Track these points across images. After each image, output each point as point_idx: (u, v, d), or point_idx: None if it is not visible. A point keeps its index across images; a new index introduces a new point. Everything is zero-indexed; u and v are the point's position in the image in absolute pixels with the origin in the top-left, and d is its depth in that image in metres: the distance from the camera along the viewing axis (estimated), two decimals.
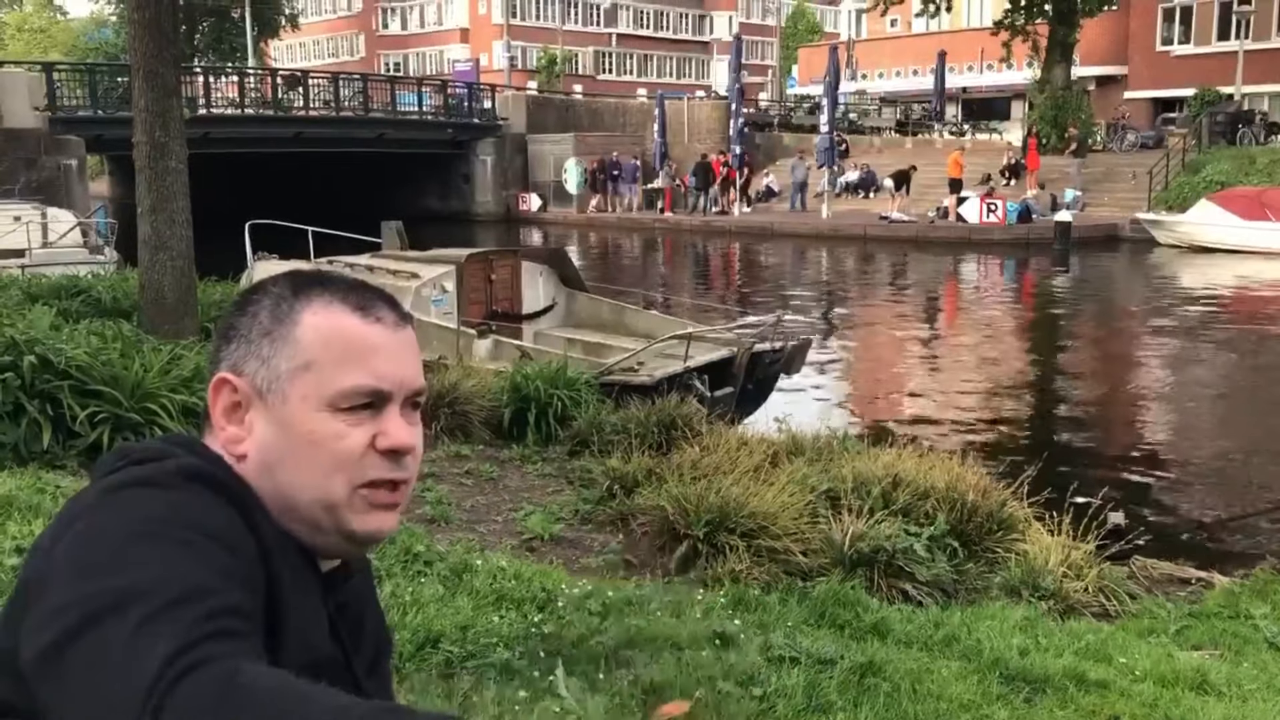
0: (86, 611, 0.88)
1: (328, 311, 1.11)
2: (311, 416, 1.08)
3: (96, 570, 0.91)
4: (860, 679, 3.75)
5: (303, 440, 1.09)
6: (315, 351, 1.09)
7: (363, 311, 1.12)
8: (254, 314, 1.12)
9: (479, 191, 40.19)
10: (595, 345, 10.76)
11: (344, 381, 1.09)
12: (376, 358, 1.10)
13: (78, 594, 0.90)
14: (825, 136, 33.09)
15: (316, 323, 1.10)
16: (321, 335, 1.09)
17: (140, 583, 0.89)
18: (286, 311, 1.11)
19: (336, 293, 1.12)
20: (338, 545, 1.13)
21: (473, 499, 6.11)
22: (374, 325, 1.12)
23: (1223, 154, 30.13)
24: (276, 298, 1.12)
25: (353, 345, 1.10)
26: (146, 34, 7.93)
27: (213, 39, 54.29)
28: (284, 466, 1.09)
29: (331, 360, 1.09)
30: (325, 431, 1.08)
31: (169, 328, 7.88)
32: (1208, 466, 9.96)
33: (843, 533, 5.28)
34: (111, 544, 0.94)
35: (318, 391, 1.09)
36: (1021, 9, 35.20)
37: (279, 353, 1.09)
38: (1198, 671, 4.25)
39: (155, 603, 0.88)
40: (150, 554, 0.92)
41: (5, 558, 3.83)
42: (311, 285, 1.13)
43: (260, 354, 1.10)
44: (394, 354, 1.12)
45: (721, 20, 78.34)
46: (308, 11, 73.21)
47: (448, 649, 3.60)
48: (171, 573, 0.91)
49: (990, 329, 18.12)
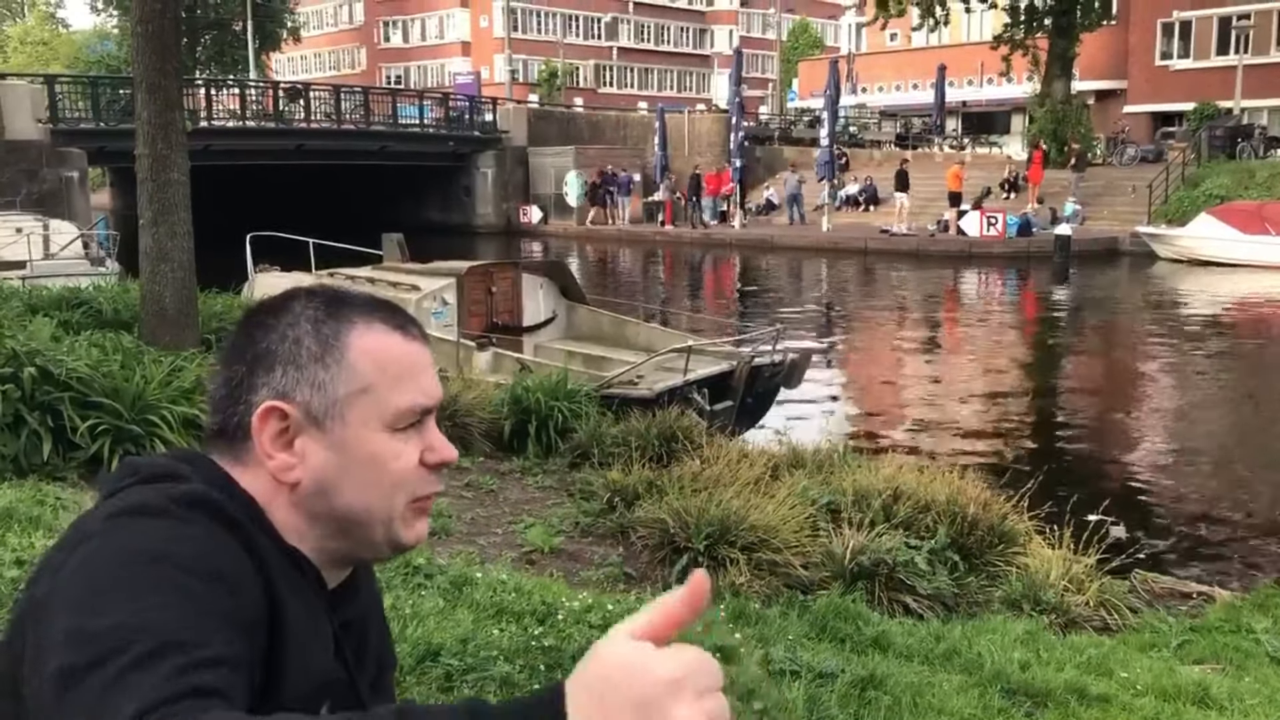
0: (77, 658, 0.88)
1: (373, 333, 1.12)
2: (372, 438, 1.10)
3: (91, 610, 0.92)
4: (861, 692, 3.75)
5: (365, 462, 1.10)
6: (372, 375, 1.10)
7: (402, 331, 1.14)
8: (295, 339, 1.11)
9: (480, 204, 40.25)
10: (595, 358, 10.76)
11: (401, 402, 1.11)
12: (422, 375, 1.14)
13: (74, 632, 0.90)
14: (825, 150, 33.16)
15: (366, 345, 1.11)
16: (375, 359, 1.11)
17: (126, 629, 0.89)
18: (331, 335, 1.11)
19: (373, 313, 1.14)
20: (380, 555, 1.16)
21: (473, 511, 6.10)
22: (413, 344, 1.15)
23: (1222, 168, 30.18)
24: (314, 320, 1.12)
25: (404, 367, 1.12)
26: (149, 47, 7.95)
27: (214, 52, 54.45)
28: (344, 489, 1.10)
29: (387, 383, 1.11)
30: (387, 452, 1.10)
31: (170, 339, 7.88)
32: (1209, 480, 9.95)
33: (843, 546, 5.27)
34: (106, 581, 0.94)
35: (377, 414, 1.10)
36: (1021, 23, 35.30)
37: (335, 378, 1.10)
38: (1199, 686, 4.24)
39: (136, 652, 0.87)
40: (143, 596, 0.92)
41: (5, 570, 3.83)
42: (344, 305, 1.13)
43: (314, 380, 1.10)
44: (430, 369, 1.16)
45: (722, 34, 78.55)
46: (309, 25, 73.43)
47: (448, 662, 3.59)
48: (158, 620, 0.90)
49: (990, 342, 18.12)
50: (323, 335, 1.11)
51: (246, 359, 1.12)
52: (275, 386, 1.10)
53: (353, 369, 1.10)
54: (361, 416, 1.10)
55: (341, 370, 1.10)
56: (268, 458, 1.09)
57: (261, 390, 1.10)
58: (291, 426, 1.09)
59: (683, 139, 40.08)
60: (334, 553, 1.13)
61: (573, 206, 38.41)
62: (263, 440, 1.09)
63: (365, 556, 1.16)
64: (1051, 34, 34.78)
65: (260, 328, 1.13)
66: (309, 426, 1.09)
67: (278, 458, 1.09)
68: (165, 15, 8.01)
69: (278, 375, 1.10)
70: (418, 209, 39.03)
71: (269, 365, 1.10)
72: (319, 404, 1.09)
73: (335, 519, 1.10)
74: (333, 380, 1.10)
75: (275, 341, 1.11)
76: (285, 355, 1.10)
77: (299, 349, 1.10)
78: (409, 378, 1.12)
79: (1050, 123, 33.54)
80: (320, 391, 1.09)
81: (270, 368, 1.10)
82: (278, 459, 1.09)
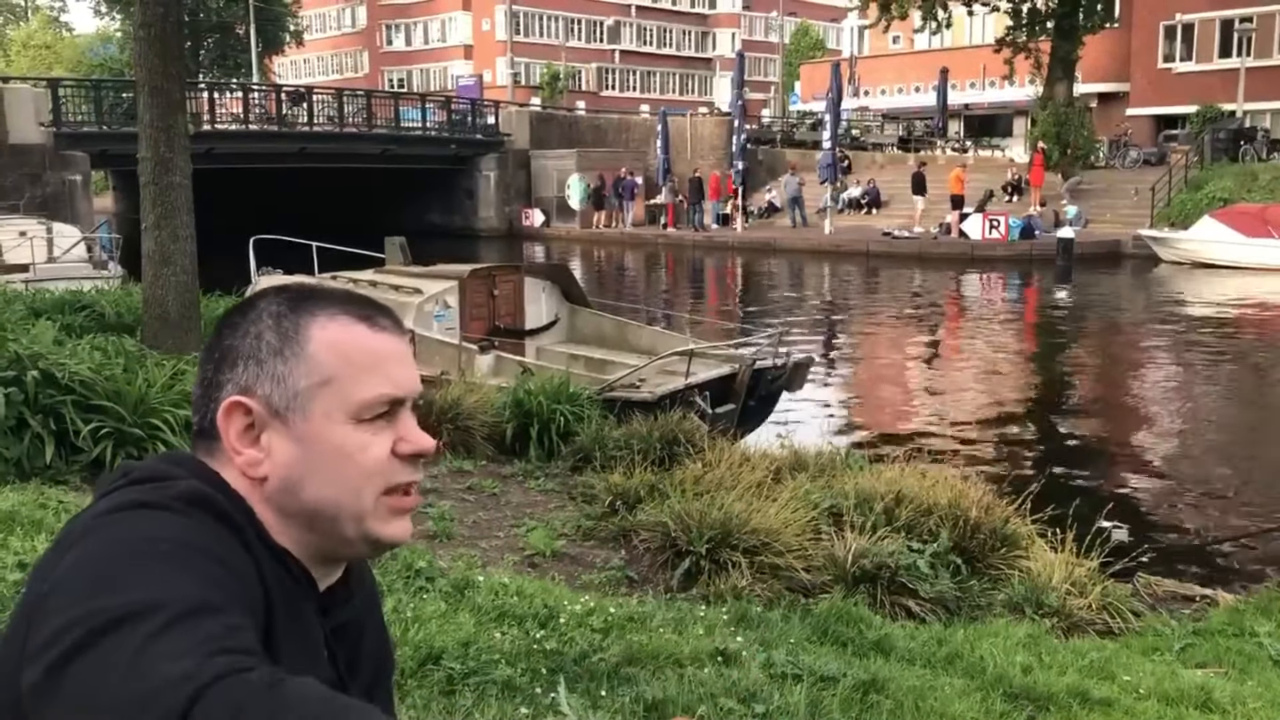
0: (91, 627, 0.87)
1: (336, 325, 1.11)
2: (336, 430, 1.09)
3: (100, 589, 0.91)
4: (863, 696, 3.74)
5: (330, 455, 1.09)
6: (334, 366, 1.09)
7: (369, 321, 1.13)
8: (256, 334, 1.11)
9: (482, 207, 40.28)
10: (598, 361, 10.76)
11: (366, 393, 1.10)
12: (390, 365, 1.12)
13: (82, 611, 0.89)
14: (828, 153, 33.18)
15: (328, 337, 1.10)
16: (337, 349, 1.10)
17: (148, 599, 0.88)
18: (291, 328, 1.10)
19: (337, 305, 1.13)
20: (359, 553, 1.15)
21: (475, 515, 6.10)
22: (381, 334, 1.12)
23: (1225, 171, 30.17)
24: (276, 315, 1.11)
25: (368, 356, 1.11)
26: (152, 50, 7.97)
27: (217, 55, 54.57)
28: (310, 483, 1.09)
29: (351, 373, 1.10)
30: (352, 444, 1.09)
31: (172, 343, 7.89)
32: (1212, 483, 9.93)
33: (845, 549, 5.27)
34: (115, 563, 0.93)
35: (341, 405, 1.09)
36: (1024, 26, 35.30)
37: (294, 371, 1.09)
38: (1202, 689, 4.23)
39: (172, 612, 0.87)
40: (155, 572, 0.92)
41: (7, 573, 3.82)
42: (307, 299, 1.13)
43: (274, 374, 1.09)
44: (402, 359, 1.14)
45: (724, 37, 78.62)
46: (312, 28, 73.57)
47: (449, 666, 3.58)
48: (181, 590, 0.90)
49: (992, 345, 18.10)
50: (283, 329, 1.10)
51: (215, 358, 1.12)
52: (238, 382, 1.10)
53: (312, 360, 1.09)
54: (324, 408, 1.09)
55: (300, 362, 1.09)
56: (235, 454, 1.09)
57: (226, 387, 1.10)
58: (256, 422, 1.09)
59: (685, 142, 40.09)
60: (313, 550, 1.12)
61: (575, 210, 38.43)
62: (229, 436, 1.09)
63: (344, 553, 1.14)
64: (1054, 37, 34.77)
65: (228, 327, 1.13)
66: (272, 420, 1.09)
67: (244, 453, 1.09)
68: (168, 19, 8.03)
69: (240, 371, 1.10)
70: (420, 212, 39.06)
71: (232, 361, 1.11)
72: (279, 397, 1.09)
73: (305, 514, 1.09)
74: (291, 373, 1.09)
75: (239, 338, 1.11)
76: (246, 351, 1.10)
77: (259, 344, 1.10)
78: (375, 368, 1.10)
79: (1052, 125, 33.52)
80: (280, 385, 1.09)
81: (234, 364, 1.10)
82: (244, 455, 1.09)
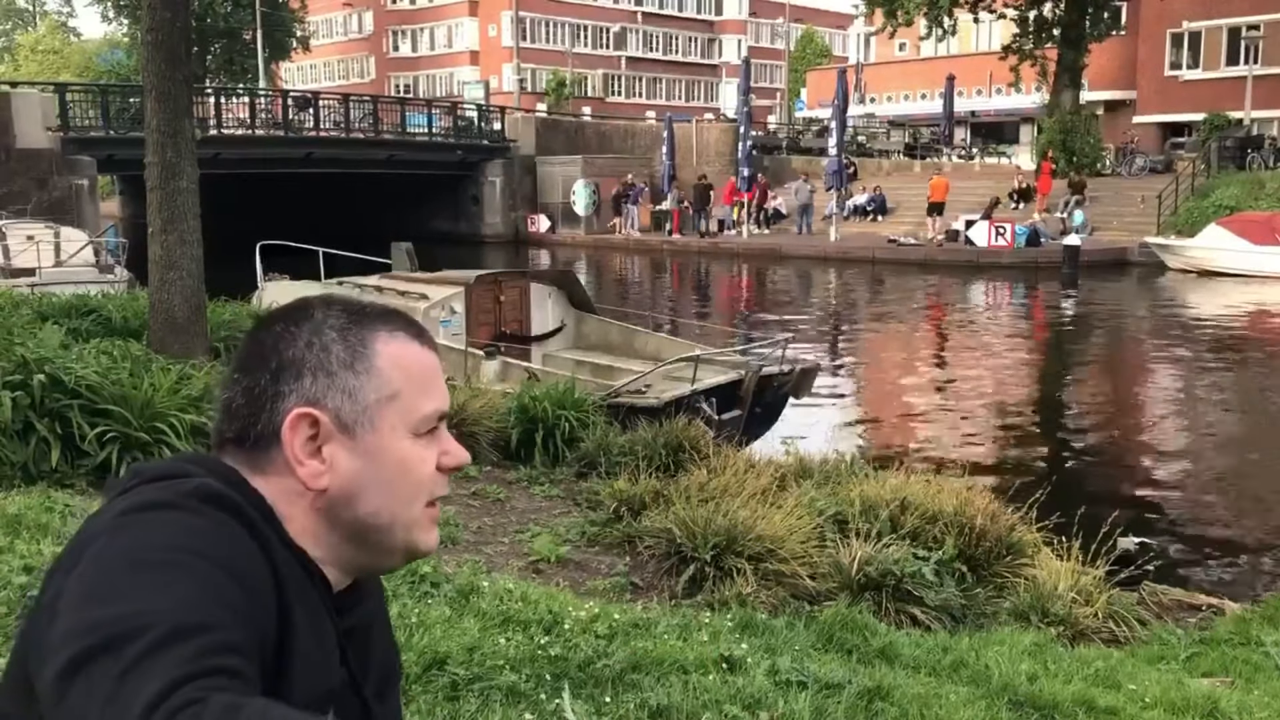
0: (87, 644, 0.89)
1: (397, 341, 1.15)
2: (400, 444, 1.13)
3: (102, 600, 0.92)
4: (868, 704, 3.73)
5: (394, 468, 1.12)
6: (399, 381, 1.13)
7: (420, 338, 1.18)
8: (322, 346, 1.12)
9: (488, 213, 40.34)
10: (603, 367, 10.77)
11: (426, 408, 1.14)
12: (439, 383, 1.18)
13: (83, 623, 0.91)
14: (834, 159, 33.17)
15: (393, 353, 1.14)
16: (401, 365, 1.14)
17: (141, 615, 0.89)
18: (358, 342, 1.12)
19: (394, 322, 1.17)
20: (393, 564, 1.19)
21: (479, 520, 6.10)
22: (429, 352, 1.18)
23: (1232, 179, 30.14)
24: (340, 329, 1.13)
25: (426, 373, 1.16)
26: (159, 55, 7.99)
27: (224, 60, 54.70)
28: (369, 495, 1.11)
29: (413, 389, 1.14)
30: (414, 457, 1.13)
31: (179, 347, 7.89)
32: (1218, 492, 9.91)
33: (850, 557, 5.26)
34: (121, 572, 0.94)
35: (405, 420, 1.13)
36: (1030, 34, 35.33)
37: (365, 385, 1.11)
38: (1208, 699, 4.21)
39: (152, 636, 0.88)
40: (157, 584, 0.92)
41: (14, 576, 3.83)
42: (365, 314, 1.16)
43: (345, 387, 1.11)
44: (442, 377, 1.20)
45: (730, 43, 78.69)
46: (319, 34, 73.71)
47: (454, 671, 3.58)
48: (174, 605, 0.91)
49: (998, 353, 18.08)
50: (350, 342, 1.12)
51: (270, 367, 1.12)
52: (305, 393, 1.10)
53: (381, 375, 1.12)
54: (390, 423, 1.12)
55: (371, 377, 1.12)
56: (298, 464, 1.10)
57: (290, 398, 1.10)
58: (321, 433, 1.10)
59: (691, 148, 40.14)
60: (349, 560, 1.14)
61: (580, 216, 38.45)
62: (294, 447, 1.09)
63: (381, 564, 1.18)
64: (1060, 44, 34.80)
65: (282, 336, 1.13)
66: (338, 433, 1.11)
67: (308, 464, 1.10)
68: (175, 24, 8.05)
69: (307, 382, 1.11)
70: (426, 218, 39.10)
71: (297, 373, 1.11)
72: (350, 411, 1.11)
73: (357, 525, 1.12)
74: (363, 387, 1.11)
75: (301, 349, 1.12)
76: (314, 362, 1.11)
77: (328, 356, 1.11)
78: (431, 384, 1.16)
79: (1059, 133, 33.54)
80: (351, 398, 1.11)
81: (299, 375, 1.11)
82: (308, 465, 1.10)
